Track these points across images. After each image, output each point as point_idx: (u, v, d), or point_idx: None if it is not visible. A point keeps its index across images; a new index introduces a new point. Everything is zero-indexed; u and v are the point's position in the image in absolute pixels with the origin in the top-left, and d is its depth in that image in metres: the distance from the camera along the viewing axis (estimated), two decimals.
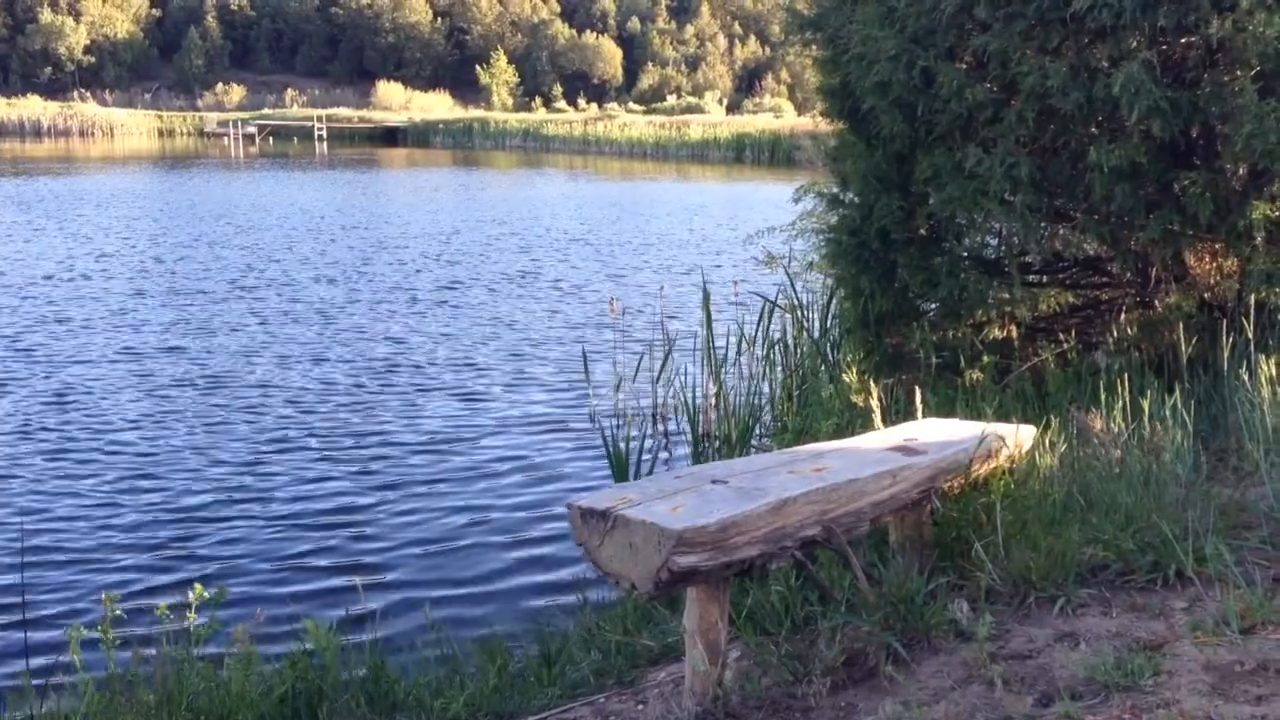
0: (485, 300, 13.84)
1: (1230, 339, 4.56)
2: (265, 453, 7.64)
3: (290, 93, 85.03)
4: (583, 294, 14.34)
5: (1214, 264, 5.50)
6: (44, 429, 8.13)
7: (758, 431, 7.15)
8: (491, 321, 12.45)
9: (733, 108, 75.93)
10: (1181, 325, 4.92)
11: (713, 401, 7.47)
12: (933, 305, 5.88)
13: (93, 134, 65.70)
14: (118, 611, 3.44)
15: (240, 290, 14.25)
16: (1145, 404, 4.00)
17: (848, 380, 4.94)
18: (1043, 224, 5.42)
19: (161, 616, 3.46)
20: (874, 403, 4.31)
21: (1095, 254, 5.97)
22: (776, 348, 7.93)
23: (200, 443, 7.84)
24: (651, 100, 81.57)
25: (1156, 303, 5.56)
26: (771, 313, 8.01)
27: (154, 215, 23.29)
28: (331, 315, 12.68)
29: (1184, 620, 2.84)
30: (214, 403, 8.90)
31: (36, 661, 4.45)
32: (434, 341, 11.34)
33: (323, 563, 5.86)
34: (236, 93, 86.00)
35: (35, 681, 3.90)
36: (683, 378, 7.95)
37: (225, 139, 62.24)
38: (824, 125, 6.62)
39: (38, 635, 4.80)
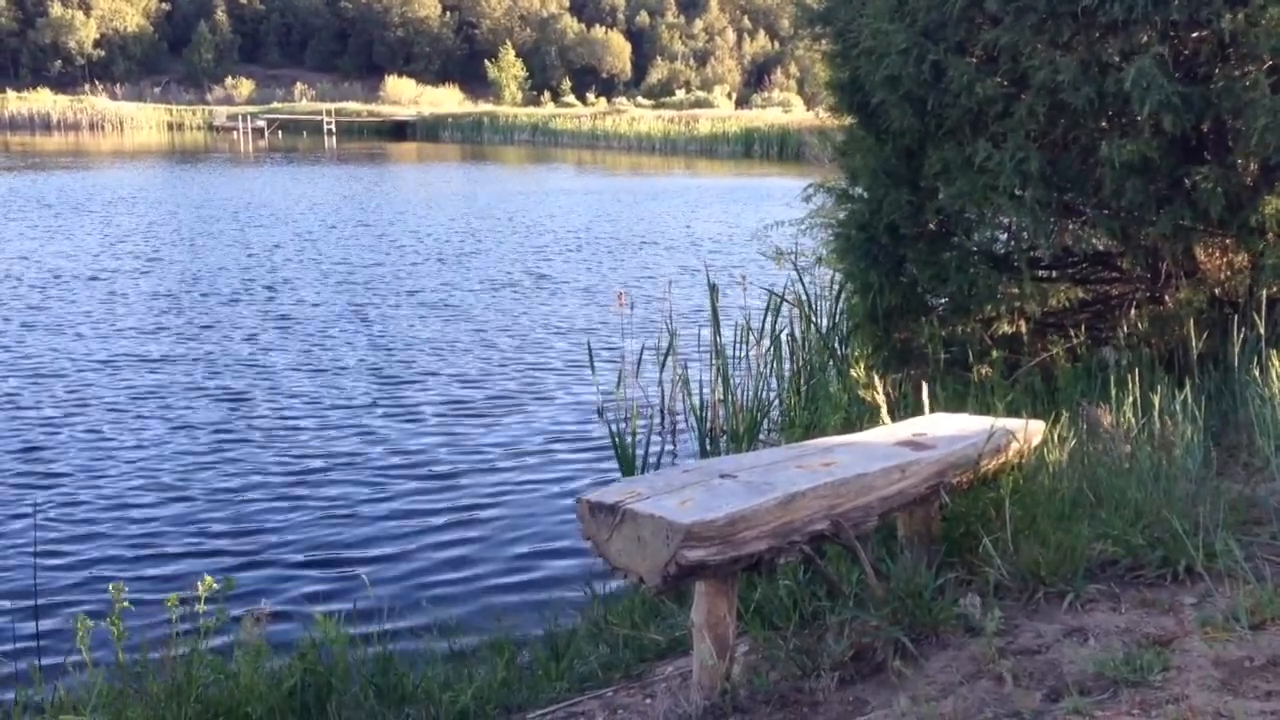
0: (492, 296, 13.84)
1: (1241, 334, 4.54)
2: (272, 448, 7.66)
3: (299, 87, 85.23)
4: (590, 289, 14.34)
5: (1225, 259, 5.47)
6: (57, 425, 8.16)
7: (765, 426, 7.13)
8: (498, 317, 12.46)
9: (741, 102, 75.88)
10: (1192, 320, 4.90)
11: (720, 396, 7.46)
12: (942, 300, 5.86)
13: (102, 127, 65.88)
14: (126, 603, 3.45)
15: (252, 293, 14.31)
16: (1155, 399, 3.99)
17: (855, 375, 4.93)
18: (1053, 219, 5.40)
19: (171, 608, 3.47)
20: (879, 398, 4.30)
21: (1105, 249, 5.96)
22: (784, 342, 7.92)
23: (209, 440, 7.85)
24: (660, 95, 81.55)
25: (1167, 298, 5.54)
26: (779, 308, 8.00)
27: (166, 214, 23.32)
28: (339, 309, 12.71)
29: (1193, 616, 2.83)
30: (224, 399, 8.92)
31: (46, 651, 4.47)
32: (441, 336, 11.35)
33: (330, 556, 5.86)
34: (245, 87, 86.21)
35: (44, 661, 3.93)
36: (690, 372, 7.94)
37: (234, 133, 62.38)
38: (833, 120, 6.60)
39: (48, 625, 4.82)
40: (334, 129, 64.28)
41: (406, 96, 79.69)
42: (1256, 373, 4.20)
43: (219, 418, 8.31)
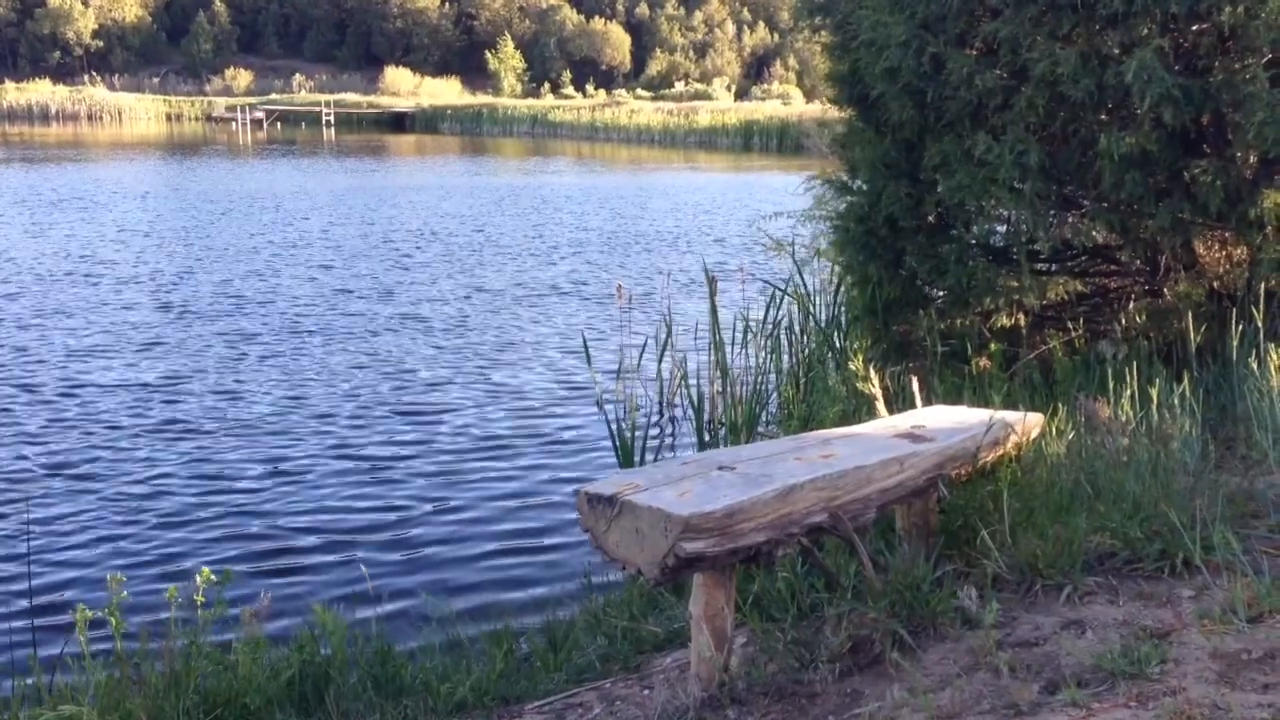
0: (492, 287, 13.83)
1: (1239, 328, 4.54)
2: (272, 442, 7.65)
3: (298, 78, 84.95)
4: (589, 281, 14.33)
5: (1223, 252, 5.47)
6: (55, 416, 8.16)
7: (764, 418, 7.14)
8: (497, 309, 12.45)
9: (741, 94, 75.73)
10: (1190, 314, 4.90)
11: (718, 388, 7.46)
12: (940, 293, 5.86)
13: (101, 118, 65.73)
14: (125, 594, 3.45)
15: (251, 290, 14.30)
16: (1154, 392, 3.99)
17: (854, 368, 4.93)
18: (1052, 212, 5.40)
19: (170, 599, 3.47)
20: (875, 390, 4.30)
21: (1104, 242, 5.95)
22: (782, 335, 7.92)
23: (206, 434, 7.85)
24: (660, 87, 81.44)
25: (1165, 291, 5.54)
26: (781, 300, 7.99)
27: (162, 211, 23.32)
28: (339, 307, 12.71)
29: (1191, 609, 2.84)
30: (222, 394, 8.91)
31: (44, 641, 4.47)
32: (440, 327, 11.34)
33: (329, 549, 5.87)
34: (244, 78, 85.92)
35: (41, 652, 3.93)
36: (688, 365, 7.94)
37: (233, 124, 62.21)
38: (832, 112, 6.59)
39: (44, 616, 4.82)
40: (333, 120, 64.11)
41: (405, 88, 79.41)
42: (1255, 366, 4.20)
43: (217, 412, 8.30)
